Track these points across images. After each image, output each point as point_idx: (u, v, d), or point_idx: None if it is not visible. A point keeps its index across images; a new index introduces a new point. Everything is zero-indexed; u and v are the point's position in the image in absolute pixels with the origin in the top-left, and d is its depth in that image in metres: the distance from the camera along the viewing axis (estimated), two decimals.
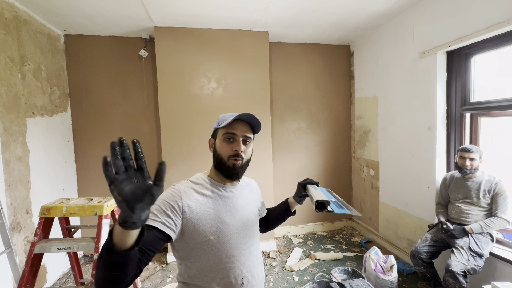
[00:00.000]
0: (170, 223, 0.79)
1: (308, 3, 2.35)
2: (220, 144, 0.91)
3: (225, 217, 0.88)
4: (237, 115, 0.89)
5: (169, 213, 0.79)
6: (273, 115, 3.37)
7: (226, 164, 0.89)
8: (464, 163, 1.98)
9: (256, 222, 1.01)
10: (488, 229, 1.88)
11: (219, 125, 0.91)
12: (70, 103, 2.88)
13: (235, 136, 0.89)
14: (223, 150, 0.90)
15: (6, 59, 2.02)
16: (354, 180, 3.67)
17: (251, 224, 0.96)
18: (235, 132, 0.89)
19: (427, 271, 2.10)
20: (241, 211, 0.94)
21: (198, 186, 0.91)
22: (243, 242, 0.91)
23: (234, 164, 0.89)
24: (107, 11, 2.36)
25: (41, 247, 1.57)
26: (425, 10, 2.34)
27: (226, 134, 0.89)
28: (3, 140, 1.95)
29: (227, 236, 0.87)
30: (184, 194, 0.84)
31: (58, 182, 2.60)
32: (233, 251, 0.88)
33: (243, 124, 0.91)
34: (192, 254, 0.85)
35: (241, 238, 0.91)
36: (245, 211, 0.96)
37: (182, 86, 2.84)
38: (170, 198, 0.82)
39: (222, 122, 0.91)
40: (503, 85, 2.08)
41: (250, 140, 0.93)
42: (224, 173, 0.91)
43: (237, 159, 0.89)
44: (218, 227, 0.86)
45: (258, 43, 2.98)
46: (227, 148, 0.89)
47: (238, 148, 0.89)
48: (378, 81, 3.04)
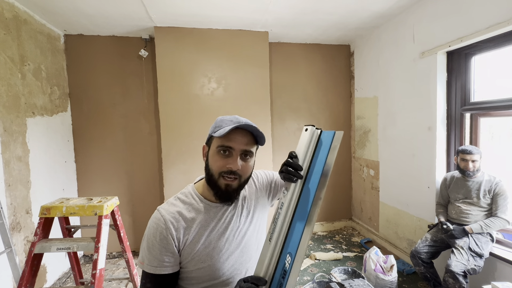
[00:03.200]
0: (170, 260, 0.75)
1: (308, 3, 2.35)
2: (213, 156, 0.76)
3: (216, 241, 0.78)
4: (235, 125, 0.72)
5: (163, 251, 0.74)
6: (273, 115, 3.37)
7: (217, 183, 0.75)
8: (467, 165, 1.98)
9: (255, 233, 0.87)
10: (488, 229, 1.88)
11: (214, 132, 0.76)
12: (70, 103, 2.88)
13: (231, 150, 0.74)
14: (215, 164, 0.75)
15: (6, 59, 2.01)
16: (354, 180, 3.67)
17: (249, 239, 0.84)
18: (232, 145, 0.74)
19: (427, 271, 2.10)
20: (236, 230, 0.82)
21: (187, 207, 0.79)
22: (238, 263, 0.81)
23: (227, 186, 0.75)
24: (107, 11, 2.36)
25: (41, 247, 1.57)
26: (425, 10, 2.34)
27: (220, 146, 0.74)
28: (3, 140, 1.95)
29: (219, 262, 0.77)
30: (169, 224, 0.74)
31: (58, 182, 2.60)
32: (226, 275, 0.79)
33: (244, 134, 0.75)
34: (184, 278, 0.79)
35: (237, 259, 0.81)
36: (241, 227, 0.83)
37: (182, 86, 2.84)
38: (157, 236, 0.73)
39: (218, 129, 0.75)
40: (503, 85, 2.08)
41: (250, 155, 0.78)
42: (214, 192, 0.77)
43: (231, 179, 0.74)
44: (209, 253, 0.77)
45: (258, 43, 2.98)
46: (220, 162, 0.74)
47: (233, 165, 0.73)
48: (378, 81, 3.04)
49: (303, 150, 0.71)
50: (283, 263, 0.66)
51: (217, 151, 0.75)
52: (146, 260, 0.74)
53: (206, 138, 0.83)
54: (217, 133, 0.74)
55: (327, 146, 0.66)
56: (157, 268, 0.73)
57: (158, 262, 0.73)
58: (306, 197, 0.67)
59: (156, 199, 3.09)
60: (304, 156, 0.71)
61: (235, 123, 0.74)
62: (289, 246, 0.67)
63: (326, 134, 0.68)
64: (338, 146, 0.66)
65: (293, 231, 0.67)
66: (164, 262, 0.74)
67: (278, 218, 0.70)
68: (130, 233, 3.05)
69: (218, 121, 0.78)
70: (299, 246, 0.64)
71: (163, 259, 0.73)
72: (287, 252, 0.66)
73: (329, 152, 0.66)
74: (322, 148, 0.68)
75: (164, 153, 2.84)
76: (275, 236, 0.69)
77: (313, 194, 0.65)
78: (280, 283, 0.65)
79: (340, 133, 0.66)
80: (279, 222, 0.70)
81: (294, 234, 0.66)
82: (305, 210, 0.66)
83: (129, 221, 3.07)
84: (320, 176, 0.65)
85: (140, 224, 3.10)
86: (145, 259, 0.74)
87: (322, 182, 0.65)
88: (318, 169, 0.67)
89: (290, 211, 0.69)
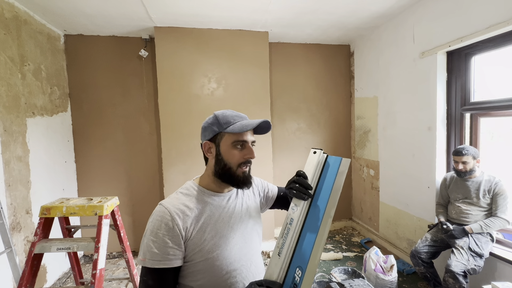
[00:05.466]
0: (175, 253, 0.75)
1: (308, 3, 2.35)
2: (229, 151, 0.81)
3: (223, 229, 0.81)
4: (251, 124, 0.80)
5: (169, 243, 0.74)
6: (273, 115, 3.37)
7: (236, 174, 0.82)
8: (457, 166, 2.00)
9: (256, 225, 0.93)
10: (488, 229, 1.88)
11: (224, 129, 0.81)
12: (70, 103, 2.88)
13: (246, 143, 0.82)
14: (234, 158, 0.81)
15: (6, 59, 2.02)
16: (354, 180, 3.67)
17: (250, 231, 0.89)
18: (246, 139, 0.82)
19: (427, 271, 2.10)
20: (239, 219, 0.87)
21: (190, 199, 0.82)
22: (243, 253, 0.84)
23: (244, 172, 0.83)
24: (107, 11, 2.36)
25: (41, 247, 1.57)
26: (425, 10, 2.34)
27: (236, 141, 0.81)
28: (3, 140, 1.95)
29: (226, 251, 0.80)
30: (175, 215, 0.76)
31: (58, 182, 2.60)
32: (233, 265, 0.81)
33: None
34: (188, 274, 0.79)
35: (241, 249, 0.84)
36: (243, 217, 0.88)
37: (182, 86, 2.84)
38: (163, 227, 0.74)
39: (227, 125, 0.81)
40: (503, 85, 2.08)
41: (255, 143, 0.87)
42: (230, 182, 0.83)
43: (247, 166, 0.83)
44: (216, 242, 0.79)
45: (258, 43, 2.98)
46: (239, 155, 0.81)
47: (251, 155, 0.82)
48: (378, 81, 3.04)
49: (312, 170, 0.77)
50: (293, 277, 0.68)
51: (233, 145, 0.81)
52: (148, 255, 0.73)
53: (207, 135, 0.84)
54: (229, 129, 0.80)
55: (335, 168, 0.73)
56: (160, 262, 0.73)
57: (162, 256, 0.73)
58: (316, 214, 0.71)
59: (156, 199, 3.09)
60: (312, 176, 0.77)
61: (244, 119, 0.83)
62: (298, 259, 0.68)
63: (333, 159, 0.75)
64: (346, 172, 0.72)
65: (302, 244, 0.70)
66: (168, 255, 0.74)
67: (287, 234, 0.73)
68: (130, 233, 3.05)
69: (222, 117, 0.82)
70: (310, 259, 0.66)
71: (167, 252, 0.73)
72: (297, 266, 0.68)
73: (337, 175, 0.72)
74: (330, 170, 0.74)
75: (164, 153, 2.84)
76: (285, 250, 0.71)
77: (323, 211, 0.70)
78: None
79: (347, 161, 0.72)
80: (289, 237, 0.72)
81: (304, 247, 0.69)
82: (315, 225, 0.70)
83: (129, 221, 3.07)
84: (329, 195, 0.71)
85: (140, 224, 3.10)
86: (147, 254, 0.74)
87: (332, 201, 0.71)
88: (327, 188, 0.72)
89: (299, 225, 0.73)
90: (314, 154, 0.78)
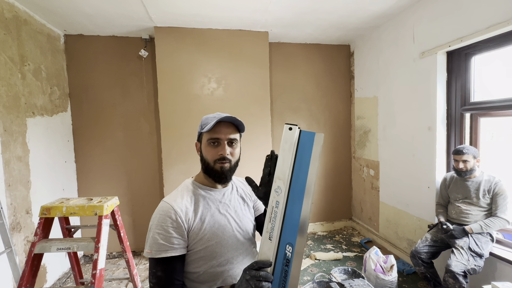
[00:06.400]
0: (179, 242, 0.82)
1: (308, 3, 2.35)
2: (205, 148, 0.91)
3: (220, 220, 0.90)
4: (218, 119, 0.87)
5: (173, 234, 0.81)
6: (273, 115, 3.37)
7: (214, 168, 0.89)
8: (457, 165, 2.00)
9: (251, 217, 1.01)
10: (488, 229, 1.88)
11: (202, 129, 0.91)
12: (70, 103, 2.88)
13: (220, 140, 0.89)
14: (209, 154, 0.89)
15: (6, 59, 2.01)
16: (354, 180, 3.67)
17: (246, 223, 0.97)
18: (219, 136, 0.88)
19: (427, 271, 2.10)
20: (234, 212, 0.95)
21: (189, 194, 0.91)
22: (240, 242, 0.92)
23: (222, 167, 0.89)
24: (107, 11, 2.36)
25: (41, 247, 1.57)
26: (425, 10, 2.34)
27: (210, 139, 0.89)
28: (3, 140, 1.95)
29: (224, 240, 0.88)
30: (177, 209, 0.84)
31: (58, 182, 2.60)
32: (231, 253, 0.89)
33: (227, 126, 0.90)
34: (190, 262, 0.86)
35: (238, 238, 0.92)
36: (238, 211, 0.96)
37: (182, 86, 2.84)
38: (167, 220, 0.82)
39: (205, 126, 0.90)
40: (503, 85, 2.08)
41: (236, 141, 0.92)
42: (213, 177, 0.91)
43: (224, 163, 0.89)
44: (215, 232, 0.87)
45: (258, 43, 2.98)
46: (213, 152, 0.89)
47: (223, 152, 0.88)
48: (378, 81, 3.04)
49: (289, 148, 0.75)
50: (284, 253, 0.69)
51: (207, 143, 0.90)
52: (155, 247, 0.80)
53: (197, 136, 0.97)
54: (205, 129, 0.88)
55: (310, 142, 0.71)
56: (167, 252, 0.80)
57: (168, 246, 0.80)
58: (298, 187, 0.70)
59: (156, 199, 3.09)
60: (290, 153, 0.74)
61: (217, 118, 0.88)
62: (287, 236, 0.69)
63: (307, 133, 0.73)
64: (321, 143, 0.71)
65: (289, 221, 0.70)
66: (174, 244, 0.81)
67: (275, 217, 0.72)
68: (130, 233, 3.05)
69: (204, 120, 0.94)
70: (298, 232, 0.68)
71: (172, 242, 0.81)
72: (286, 243, 0.69)
73: (313, 146, 0.71)
74: (306, 144, 0.72)
75: (164, 153, 2.84)
76: (275, 233, 0.71)
77: (305, 182, 0.69)
78: (285, 270, 0.69)
79: (320, 135, 0.71)
80: (277, 219, 0.71)
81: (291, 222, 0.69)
82: (300, 197, 0.69)
83: (129, 221, 3.07)
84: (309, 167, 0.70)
85: (140, 224, 3.10)
86: (153, 247, 0.80)
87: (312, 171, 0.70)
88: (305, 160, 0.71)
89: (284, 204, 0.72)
90: (290, 131, 0.75)
